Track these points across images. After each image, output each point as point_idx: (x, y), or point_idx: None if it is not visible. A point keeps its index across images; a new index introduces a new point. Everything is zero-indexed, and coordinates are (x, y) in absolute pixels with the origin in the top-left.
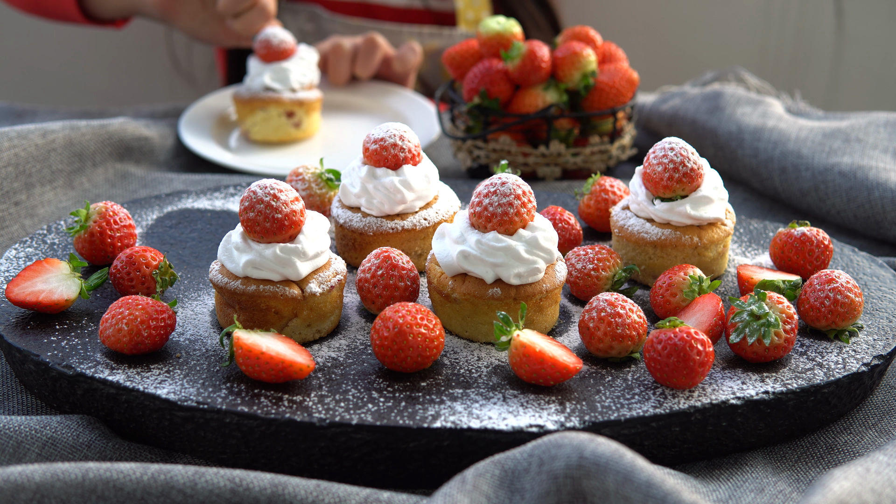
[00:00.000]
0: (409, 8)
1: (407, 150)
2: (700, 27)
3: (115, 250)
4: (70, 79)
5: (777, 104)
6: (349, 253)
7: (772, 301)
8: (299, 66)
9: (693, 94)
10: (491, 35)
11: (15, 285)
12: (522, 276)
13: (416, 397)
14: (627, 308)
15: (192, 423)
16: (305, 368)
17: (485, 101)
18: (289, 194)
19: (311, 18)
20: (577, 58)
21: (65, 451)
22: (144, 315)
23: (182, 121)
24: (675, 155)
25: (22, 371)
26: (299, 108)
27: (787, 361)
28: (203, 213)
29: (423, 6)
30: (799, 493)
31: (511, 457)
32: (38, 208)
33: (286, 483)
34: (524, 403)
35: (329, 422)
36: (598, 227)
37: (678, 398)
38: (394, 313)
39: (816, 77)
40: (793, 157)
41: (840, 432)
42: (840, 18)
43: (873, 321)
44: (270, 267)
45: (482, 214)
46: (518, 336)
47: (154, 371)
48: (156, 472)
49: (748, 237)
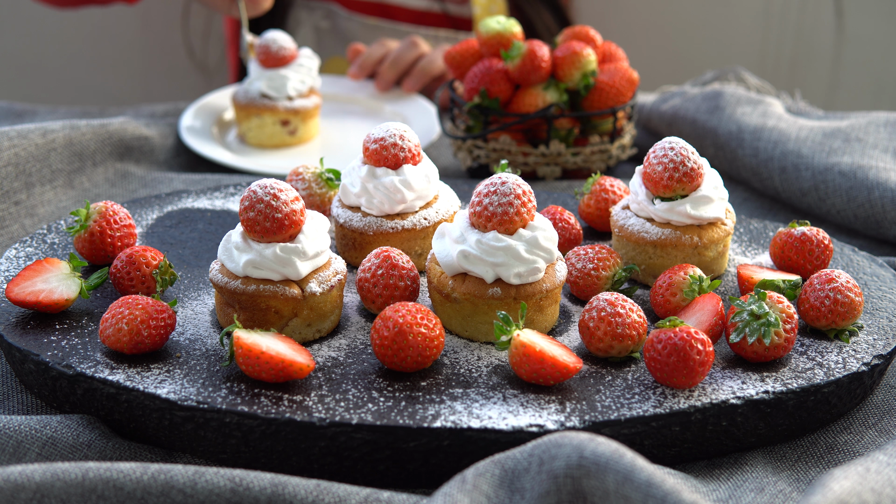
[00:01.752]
0: (428, 11)
1: (407, 150)
2: (700, 27)
3: (115, 250)
4: (70, 79)
5: (777, 104)
6: (349, 253)
7: (772, 301)
8: (298, 72)
9: (693, 93)
10: (491, 35)
11: (15, 285)
12: (522, 276)
13: (416, 397)
14: (627, 308)
15: (192, 422)
16: (305, 368)
17: (485, 100)
18: (289, 194)
19: (327, 16)
20: (577, 57)
21: (65, 451)
22: (144, 315)
23: (182, 120)
24: (675, 154)
25: (22, 371)
26: (294, 117)
27: (787, 361)
28: (203, 212)
29: (441, 10)
30: (799, 493)
31: (511, 456)
32: (38, 208)
33: (286, 483)
34: (524, 403)
35: (329, 421)
36: (598, 226)
37: (678, 398)
38: (394, 313)
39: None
40: (793, 157)
41: (840, 432)
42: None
43: (873, 321)
44: (270, 266)
45: (482, 214)
46: (518, 336)
47: (154, 371)
48: (156, 471)
49: (748, 237)
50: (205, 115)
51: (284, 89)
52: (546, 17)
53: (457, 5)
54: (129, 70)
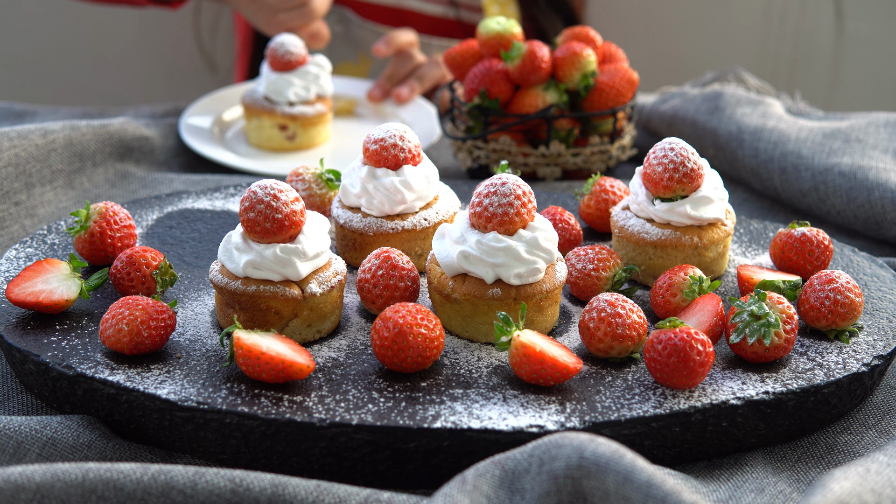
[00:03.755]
0: (444, 18)
1: (407, 151)
2: (700, 27)
3: (115, 250)
4: (70, 79)
5: (777, 104)
6: (349, 253)
7: (772, 301)
8: (304, 78)
9: (693, 94)
10: (491, 35)
11: (15, 285)
12: (522, 277)
13: (417, 397)
14: (627, 308)
15: (192, 423)
16: (305, 369)
17: (485, 101)
18: (289, 194)
19: (341, 21)
20: (577, 58)
21: (65, 452)
22: (144, 315)
23: (182, 120)
24: (675, 155)
25: (22, 371)
26: (292, 123)
27: (787, 361)
28: (203, 213)
29: (456, 17)
30: (799, 494)
31: (511, 457)
32: (39, 208)
33: (286, 483)
34: (524, 404)
35: (329, 422)
36: (598, 227)
37: (678, 398)
38: (394, 313)
39: (816, 77)
40: (793, 158)
41: (840, 432)
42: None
43: (873, 321)
44: (270, 267)
45: (482, 215)
46: (518, 336)
47: (154, 371)
48: (156, 472)
49: (748, 237)
50: (205, 115)
51: (285, 94)
52: (559, 25)
53: (470, 13)
54: (129, 70)
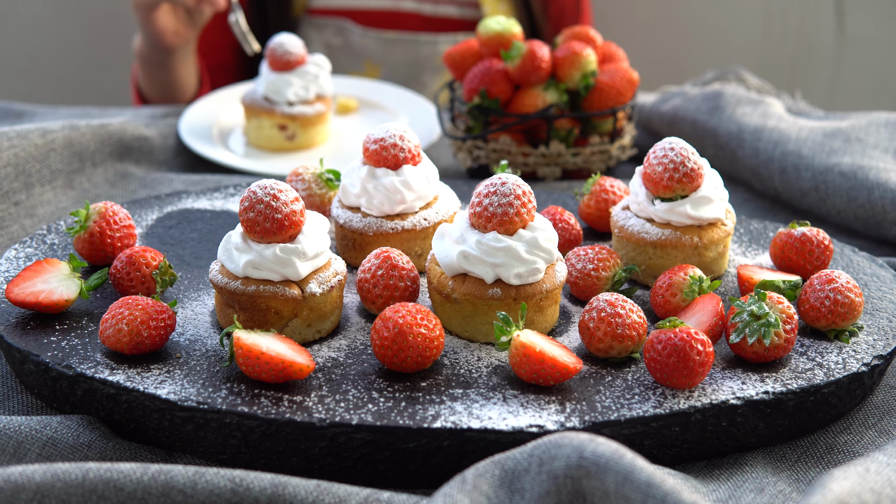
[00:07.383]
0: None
1: (407, 151)
2: (700, 27)
3: (115, 250)
4: (70, 79)
5: (777, 104)
6: (349, 253)
7: (772, 301)
8: (303, 78)
9: (693, 94)
10: (491, 35)
11: (15, 285)
12: (522, 277)
13: (416, 397)
14: (627, 308)
15: (192, 423)
16: (305, 369)
17: (485, 101)
18: (289, 194)
19: (338, 32)
20: (577, 58)
21: (65, 452)
22: (144, 315)
23: (182, 120)
24: (675, 155)
25: (22, 371)
26: (292, 123)
27: (787, 361)
28: (203, 213)
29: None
30: (799, 493)
31: (511, 457)
32: (38, 208)
33: (286, 483)
34: (524, 403)
35: (329, 422)
36: (598, 227)
37: (678, 398)
38: (394, 313)
39: (816, 77)
40: (793, 158)
41: (840, 432)
42: (840, 18)
43: (873, 321)
44: (270, 267)
45: (482, 214)
46: (518, 336)
47: (154, 371)
48: (156, 472)
49: (748, 237)
50: (205, 115)
51: (284, 94)
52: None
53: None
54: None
